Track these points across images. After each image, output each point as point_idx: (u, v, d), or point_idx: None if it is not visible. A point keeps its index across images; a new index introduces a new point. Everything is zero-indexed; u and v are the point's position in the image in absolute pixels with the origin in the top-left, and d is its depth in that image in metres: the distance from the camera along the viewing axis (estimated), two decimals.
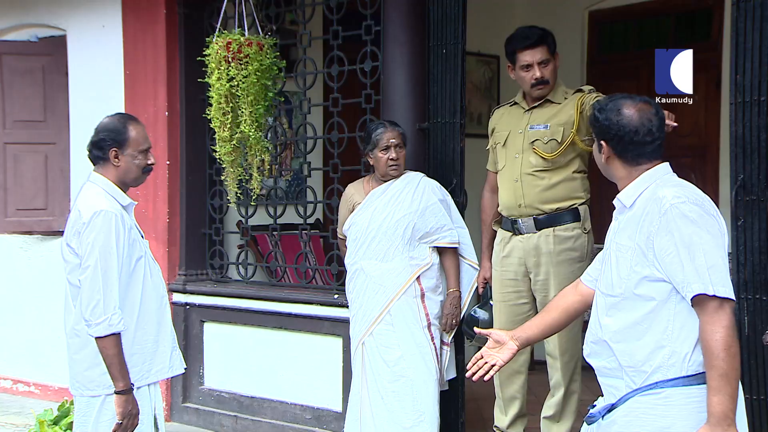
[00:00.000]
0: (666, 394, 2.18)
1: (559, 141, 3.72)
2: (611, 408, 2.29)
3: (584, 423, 3.66)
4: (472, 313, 4.04)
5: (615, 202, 2.37)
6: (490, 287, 4.01)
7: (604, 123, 2.32)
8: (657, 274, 2.18)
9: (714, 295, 2.10)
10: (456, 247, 3.96)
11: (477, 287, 4.09)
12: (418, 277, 3.83)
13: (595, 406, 2.38)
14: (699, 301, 2.12)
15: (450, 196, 3.99)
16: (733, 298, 2.12)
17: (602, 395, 2.38)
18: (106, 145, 3.00)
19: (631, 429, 2.23)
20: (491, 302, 3.99)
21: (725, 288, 2.11)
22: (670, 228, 2.16)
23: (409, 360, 3.78)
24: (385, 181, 3.91)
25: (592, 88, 3.79)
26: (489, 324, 3.98)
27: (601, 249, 2.47)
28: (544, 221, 3.77)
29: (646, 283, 2.21)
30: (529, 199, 3.78)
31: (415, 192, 3.87)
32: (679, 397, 2.17)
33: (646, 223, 2.21)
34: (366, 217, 3.85)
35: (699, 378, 2.17)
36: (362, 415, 3.79)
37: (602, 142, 2.34)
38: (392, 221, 3.82)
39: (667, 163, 2.34)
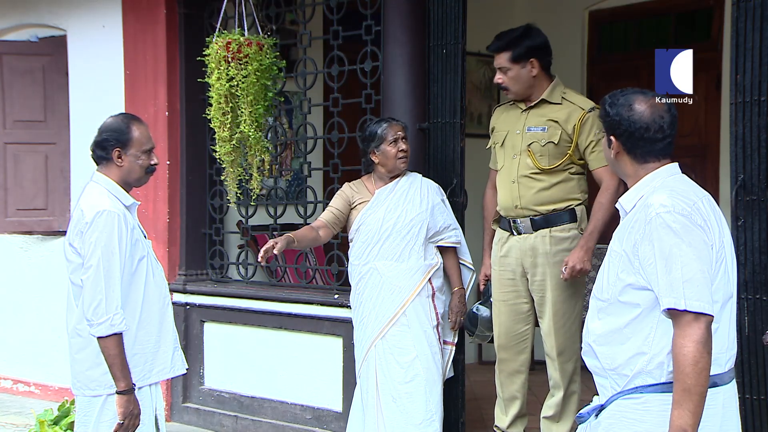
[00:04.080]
0: (645, 399, 2.18)
1: (556, 143, 3.73)
2: (601, 408, 2.29)
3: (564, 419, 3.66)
4: (474, 310, 4.05)
5: (617, 206, 2.35)
6: (490, 284, 4.01)
7: (614, 118, 2.28)
8: (642, 282, 2.16)
9: (686, 310, 2.07)
10: (456, 247, 3.97)
11: (478, 284, 4.10)
12: (430, 277, 3.84)
13: (588, 404, 2.39)
14: (672, 314, 2.11)
15: (446, 197, 4.00)
16: (709, 312, 2.09)
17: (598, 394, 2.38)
18: (109, 145, 3.00)
19: (613, 431, 2.23)
20: (492, 300, 4.00)
21: (700, 302, 2.07)
22: (652, 237, 2.13)
23: (423, 360, 3.79)
24: (391, 179, 3.90)
25: (593, 105, 3.75)
26: (490, 321, 3.99)
27: (599, 250, 2.46)
28: (541, 222, 3.78)
29: (630, 290, 2.19)
30: (526, 201, 3.78)
31: (421, 191, 3.88)
32: (657, 403, 2.16)
33: (634, 230, 2.20)
34: (378, 217, 3.83)
35: None
36: (377, 419, 3.79)
37: (612, 138, 2.31)
38: (406, 220, 3.81)
39: (675, 164, 2.30)
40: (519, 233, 3.82)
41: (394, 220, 3.81)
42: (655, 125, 2.25)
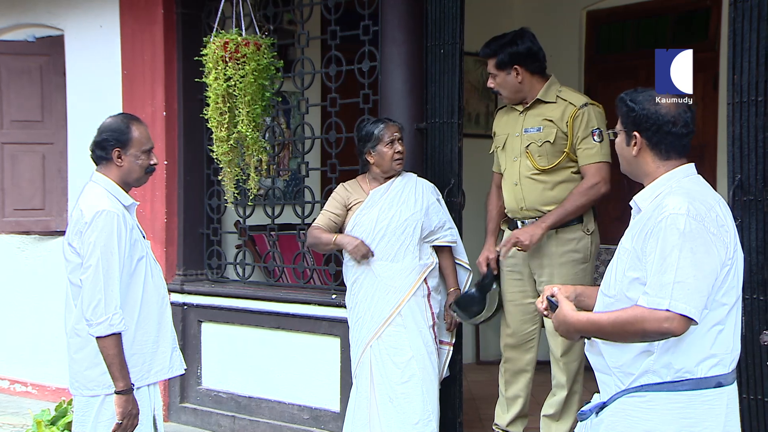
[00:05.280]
0: (650, 398, 2.19)
1: (552, 142, 3.74)
2: (603, 406, 2.29)
3: (564, 418, 3.66)
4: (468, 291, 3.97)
5: (631, 203, 2.34)
6: (490, 268, 3.95)
7: (641, 113, 2.27)
8: (647, 279, 2.17)
9: (668, 310, 2.07)
10: (452, 247, 3.97)
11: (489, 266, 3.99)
12: (425, 276, 3.84)
13: (589, 402, 2.39)
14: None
15: (442, 197, 4.00)
16: (693, 317, 2.08)
17: (599, 392, 2.39)
18: (109, 145, 3.00)
19: (616, 429, 2.24)
20: (492, 285, 3.93)
21: (687, 306, 2.07)
22: (659, 235, 2.14)
23: (419, 360, 3.79)
24: (386, 180, 3.90)
25: (586, 101, 3.78)
26: (476, 300, 3.90)
27: (605, 250, 2.46)
28: None
29: (637, 285, 2.19)
30: (530, 202, 3.79)
31: (416, 191, 3.87)
32: (663, 402, 2.17)
33: (647, 228, 2.20)
34: (372, 218, 3.83)
35: (684, 384, 2.17)
36: (371, 419, 3.79)
37: (635, 133, 2.29)
38: (400, 221, 3.81)
39: (692, 165, 2.31)
40: None
41: (387, 221, 3.81)
42: (681, 120, 2.27)
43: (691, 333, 2.15)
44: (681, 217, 2.13)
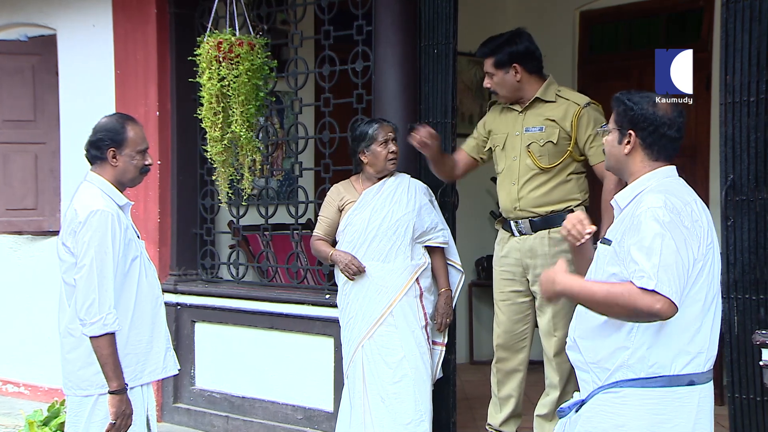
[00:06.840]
0: (624, 393, 2.23)
1: (555, 142, 3.73)
2: (582, 404, 2.33)
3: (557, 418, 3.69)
4: None
5: (612, 202, 2.39)
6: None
7: (638, 112, 2.31)
8: (625, 274, 2.21)
9: (654, 290, 2.11)
10: (444, 248, 3.97)
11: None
12: (417, 277, 3.84)
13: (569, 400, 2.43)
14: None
15: (435, 198, 4.00)
16: (675, 301, 2.12)
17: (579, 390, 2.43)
18: (104, 144, 3.00)
19: (591, 424, 2.28)
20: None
21: (670, 289, 2.12)
22: (640, 228, 2.19)
23: (411, 360, 3.79)
24: (379, 180, 3.90)
25: (588, 101, 3.78)
26: None
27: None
28: (539, 223, 3.78)
29: (614, 280, 2.23)
30: (525, 202, 3.79)
31: (408, 191, 3.88)
32: (636, 397, 2.22)
33: (625, 224, 2.26)
34: (364, 218, 3.84)
35: (657, 381, 2.21)
36: (364, 419, 3.79)
37: (631, 132, 2.33)
38: (392, 221, 3.81)
39: (674, 167, 2.35)
40: (520, 234, 3.83)
41: (379, 221, 3.81)
42: (676, 124, 2.31)
43: (667, 328, 2.19)
44: (659, 209, 2.18)
